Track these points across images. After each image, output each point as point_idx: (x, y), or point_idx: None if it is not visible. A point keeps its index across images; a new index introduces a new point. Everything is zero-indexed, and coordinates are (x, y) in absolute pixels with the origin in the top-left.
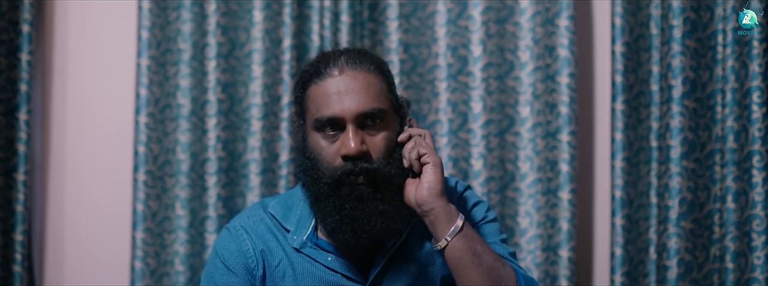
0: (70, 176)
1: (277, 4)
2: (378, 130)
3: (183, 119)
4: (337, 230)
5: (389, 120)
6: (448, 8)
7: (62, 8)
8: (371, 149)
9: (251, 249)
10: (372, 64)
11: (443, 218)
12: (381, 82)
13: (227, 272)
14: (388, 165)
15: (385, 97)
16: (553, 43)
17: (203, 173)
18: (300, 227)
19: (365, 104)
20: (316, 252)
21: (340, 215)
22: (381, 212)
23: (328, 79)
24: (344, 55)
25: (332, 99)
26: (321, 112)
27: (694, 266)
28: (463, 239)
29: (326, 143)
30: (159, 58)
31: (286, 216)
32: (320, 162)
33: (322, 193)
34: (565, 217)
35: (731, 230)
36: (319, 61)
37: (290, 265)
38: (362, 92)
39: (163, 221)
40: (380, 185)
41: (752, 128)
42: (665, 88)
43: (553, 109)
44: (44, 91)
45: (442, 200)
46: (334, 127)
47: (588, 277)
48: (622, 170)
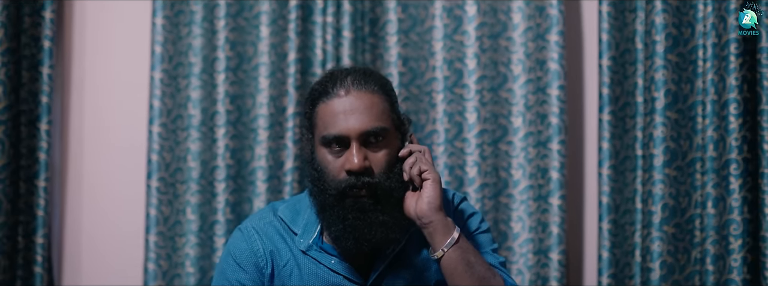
0: (87, 183)
1: (283, 21)
2: (380, 147)
3: (194, 129)
4: (341, 238)
5: (391, 137)
6: (445, 24)
7: (80, 25)
8: (373, 164)
9: (261, 249)
10: (376, 85)
11: (441, 231)
12: (384, 102)
13: (238, 269)
14: (388, 179)
15: (388, 116)
16: (543, 57)
17: (212, 179)
18: (307, 231)
19: (369, 123)
20: (321, 255)
21: (344, 224)
22: (381, 222)
23: (335, 98)
24: (351, 76)
25: (339, 118)
26: (328, 130)
27: (676, 268)
28: (458, 250)
29: (332, 158)
30: (171, 71)
31: (294, 220)
32: (326, 175)
33: (327, 203)
34: (555, 222)
35: (711, 234)
36: (327, 81)
37: (296, 266)
38: (366, 112)
39: (175, 225)
40: (381, 198)
41: (729, 138)
42: (649, 100)
43: (543, 120)
44: (63, 103)
45: (440, 213)
46: (340, 143)
47: (578, 279)
48: (608, 177)
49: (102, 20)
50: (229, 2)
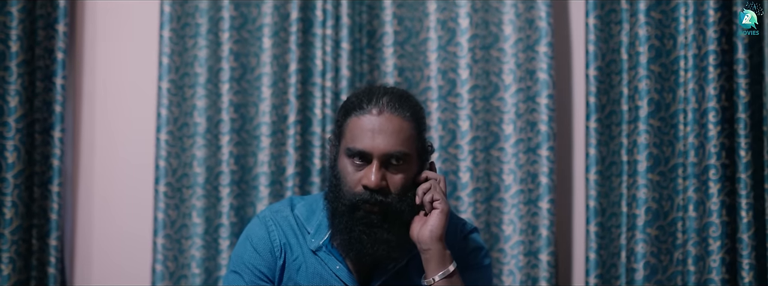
0: (98, 188)
1: (284, 33)
2: (399, 170)
3: (199, 136)
4: (345, 247)
5: (411, 162)
6: (439, 36)
7: (91, 38)
8: (390, 184)
9: (278, 239)
10: (409, 111)
11: (436, 260)
12: (412, 129)
13: (255, 253)
14: (400, 202)
15: (412, 143)
16: (533, 68)
17: (217, 184)
18: (319, 232)
19: (393, 146)
20: (328, 258)
21: (350, 235)
22: (385, 240)
23: (368, 115)
24: (387, 96)
25: (366, 135)
26: (354, 144)
27: (659, 269)
28: (448, 283)
29: (352, 169)
30: (178, 81)
31: (309, 219)
32: (344, 184)
33: (339, 210)
34: (544, 224)
35: (693, 236)
36: (364, 96)
37: (304, 263)
38: (393, 135)
39: (181, 228)
40: (390, 217)
41: (709, 145)
42: (633, 108)
43: (533, 127)
44: (75, 112)
45: (439, 244)
46: (362, 158)
47: (566, 279)
48: (595, 182)
49: (112, 33)
50: (232, 15)
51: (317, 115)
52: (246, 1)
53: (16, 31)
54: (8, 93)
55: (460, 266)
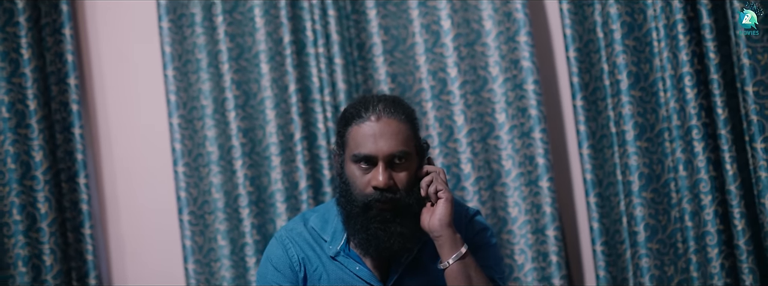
0: (125, 227)
1: (280, 57)
2: (403, 168)
3: (214, 164)
4: (363, 245)
5: (412, 159)
6: (425, 39)
7: (100, 86)
8: (396, 182)
9: (295, 255)
10: (403, 114)
11: (449, 245)
12: (409, 130)
13: (276, 272)
14: (408, 196)
15: (411, 142)
16: (516, 57)
17: (237, 207)
18: (335, 239)
19: (395, 147)
20: (347, 261)
21: (367, 233)
22: (399, 233)
23: (367, 122)
24: (382, 104)
25: (368, 140)
26: (359, 150)
27: (659, 229)
28: (462, 264)
29: (360, 174)
30: (187, 115)
31: (324, 228)
32: (354, 188)
33: (353, 212)
34: (547, 202)
35: (685, 194)
36: (361, 105)
37: (325, 271)
38: (393, 137)
39: (209, 252)
40: (401, 211)
41: (688, 107)
42: (614, 83)
43: (524, 113)
44: (95, 157)
45: (449, 229)
46: (368, 162)
47: (575, 250)
48: (589, 156)
49: (119, 78)
50: (229, 47)
51: (321, 129)
52: (240, 32)
53: (32, 90)
54: (33, 148)
55: (470, 246)
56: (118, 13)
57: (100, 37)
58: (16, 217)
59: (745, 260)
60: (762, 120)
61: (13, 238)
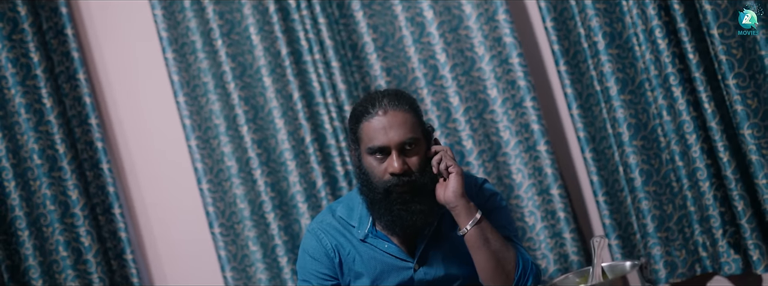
0: (162, 248)
1: (280, 68)
2: (414, 153)
3: (235, 177)
4: (390, 225)
5: (421, 144)
6: (411, 31)
7: (119, 122)
8: (411, 165)
9: (329, 244)
10: (407, 104)
11: (464, 213)
12: (414, 118)
13: (314, 261)
14: (422, 177)
15: (418, 128)
16: (498, 35)
17: (262, 213)
18: (362, 223)
19: (404, 135)
20: (376, 241)
21: (392, 215)
22: (420, 210)
23: (376, 117)
24: (386, 98)
25: (380, 133)
26: (373, 143)
27: (653, 173)
28: (478, 229)
29: (377, 164)
30: (202, 136)
31: (350, 215)
32: (374, 177)
33: (376, 198)
34: (547, 164)
35: (672, 137)
36: (367, 103)
37: (357, 253)
38: (402, 126)
39: (243, 259)
40: (418, 191)
41: (662, 56)
42: (592, 44)
43: (513, 85)
44: (125, 189)
45: (463, 199)
46: (382, 152)
47: (580, 204)
48: (579, 115)
49: (135, 112)
50: (232, 67)
51: (328, 129)
52: (240, 52)
53: (58, 135)
54: (68, 189)
55: (483, 211)
56: (125, 50)
57: (111, 77)
58: (63, 253)
59: (735, 188)
60: (731, 59)
61: (62, 273)
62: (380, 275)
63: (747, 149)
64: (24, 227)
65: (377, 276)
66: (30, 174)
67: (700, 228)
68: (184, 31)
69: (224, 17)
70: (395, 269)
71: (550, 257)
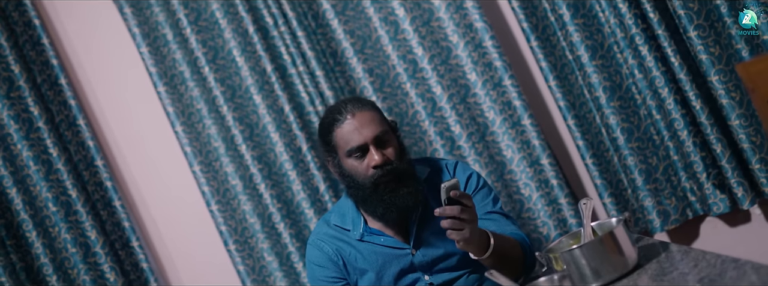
0: (182, 269)
1: (268, 85)
2: (388, 144)
3: (241, 194)
4: (386, 214)
5: (391, 135)
6: (387, 30)
7: (121, 157)
8: (388, 156)
9: (330, 250)
10: (368, 104)
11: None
12: (378, 114)
13: (320, 268)
14: (401, 163)
15: (384, 121)
16: (469, 21)
17: (272, 224)
18: (355, 225)
19: (377, 130)
20: (372, 237)
21: (384, 205)
22: (408, 192)
23: (346, 121)
24: (349, 104)
25: (354, 134)
26: (350, 145)
27: (634, 129)
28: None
29: (358, 163)
30: (204, 160)
31: (344, 221)
32: (358, 176)
33: (366, 195)
34: (533, 136)
35: (647, 93)
36: (334, 112)
37: (358, 252)
38: (371, 123)
39: (261, 270)
40: (401, 176)
41: (625, 19)
42: (558, 17)
43: (491, 67)
44: (139, 222)
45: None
46: (361, 151)
47: (570, 169)
48: (557, 86)
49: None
50: (222, 90)
51: None
52: (228, 75)
53: (69, 181)
54: (86, 230)
55: (468, 192)
56: (118, 91)
57: (109, 118)
58: None
59: (711, 133)
60: (689, 12)
61: None
62: (383, 267)
63: (717, 94)
64: (50, 273)
65: (380, 268)
66: (48, 222)
67: (686, 175)
68: (171, 64)
69: (207, 44)
70: (395, 257)
71: (550, 224)
